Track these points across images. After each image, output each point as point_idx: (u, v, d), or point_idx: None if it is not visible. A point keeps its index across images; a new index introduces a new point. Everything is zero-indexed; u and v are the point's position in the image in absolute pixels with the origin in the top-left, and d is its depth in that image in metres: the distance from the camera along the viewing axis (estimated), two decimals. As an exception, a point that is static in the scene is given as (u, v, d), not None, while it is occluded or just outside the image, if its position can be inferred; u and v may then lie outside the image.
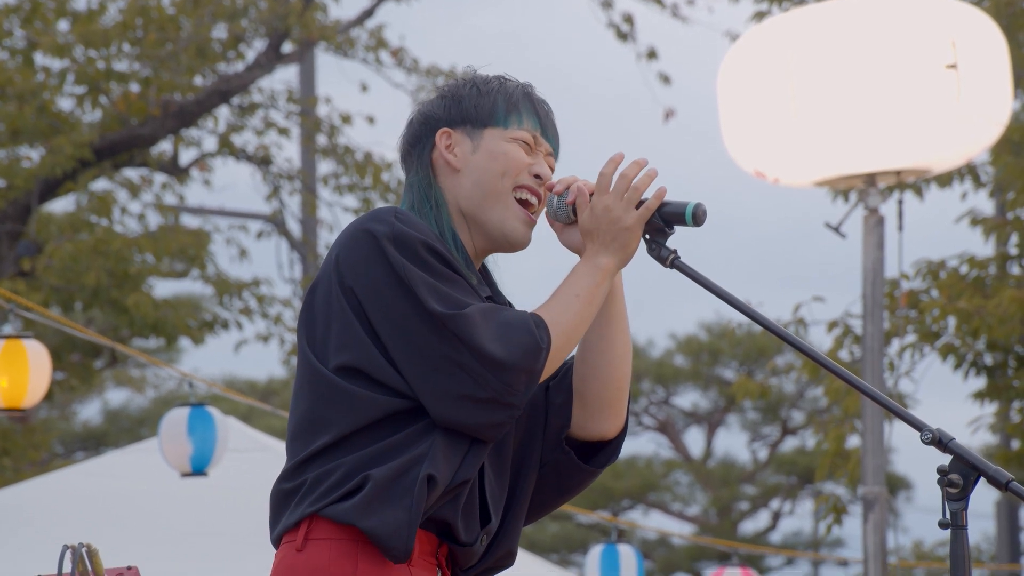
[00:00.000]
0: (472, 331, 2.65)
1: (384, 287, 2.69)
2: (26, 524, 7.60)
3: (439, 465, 2.66)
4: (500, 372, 2.65)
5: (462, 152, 2.86)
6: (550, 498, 2.90)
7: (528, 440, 2.87)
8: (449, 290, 2.69)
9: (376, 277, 2.69)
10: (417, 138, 2.90)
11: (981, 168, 10.87)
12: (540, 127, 2.89)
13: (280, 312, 12.83)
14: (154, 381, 25.24)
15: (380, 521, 2.65)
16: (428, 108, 2.90)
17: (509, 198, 2.85)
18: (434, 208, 2.84)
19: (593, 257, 2.79)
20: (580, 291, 2.77)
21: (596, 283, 2.78)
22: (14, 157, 12.16)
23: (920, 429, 2.64)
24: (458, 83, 2.90)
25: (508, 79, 2.91)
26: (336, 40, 12.65)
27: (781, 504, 26.75)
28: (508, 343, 2.66)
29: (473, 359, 2.65)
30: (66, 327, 8.03)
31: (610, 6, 12.90)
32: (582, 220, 2.81)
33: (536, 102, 2.90)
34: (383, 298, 2.69)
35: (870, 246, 7.31)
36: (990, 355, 10.63)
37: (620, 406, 2.89)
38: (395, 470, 2.65)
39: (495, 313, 2.70)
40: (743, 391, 10.56)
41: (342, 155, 13.09)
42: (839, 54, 6.96)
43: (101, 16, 12.29)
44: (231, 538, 7.43)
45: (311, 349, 2.74)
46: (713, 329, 26.56)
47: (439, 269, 2.70)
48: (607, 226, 2.78)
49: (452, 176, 2.86)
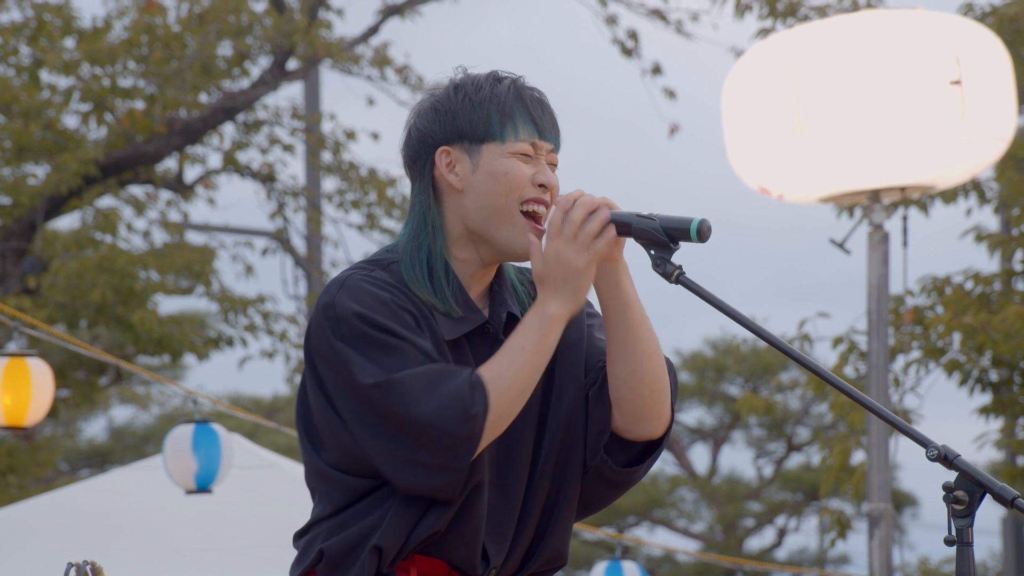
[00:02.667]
0: (401, 399, 2.70)
1: (327, 365, 2.77)
2: (31, 541, 7.59)
3: (392, 533, 2.75)
4: (434, 440, 2.69)
5: (463, 171, 2.85)
6: (601, 495, 2.92)
7: (569, 450, 2.88)
8: (382, 358, 2.73)
9: (323, 355, 2.78)
10: (416, 155, 2.88)
11: (986, 184, 10.87)
12: (537, 131, 2.86)
13: (285, 329, 12.84)
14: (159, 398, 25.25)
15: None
16: (423, 123, 2.87)
17: (516, 215, 2.83)
18: (430, 234, 2.84)
19: (542, 305, 2.79)
20: (526, 344, 2.76)
21: (544, 333, 2.77)
22: (19, 174, 12.18)
23: (926, 445, 2.64)
24: (450, 93, 2.87)
25: (499, 80, 2.87)
26: (341, 57, 12.67)
27: (787, 521, 26.70)
28: (438, 410, 2.70)
29: (407, 427, 2.70)
30: (71, 344, 8.03)
31: (615, 22, 12.92)
32: (534, 268, 2.81)
33: (529, 103, 2.86)
34: (329, 375, 2.77)
35: (875, 262, 7.31)
36: (995, 371, 10.62)
37: (659, 407, 2.87)
38: (345, 543, 2.77)
39: (430, 378, 2.72)
40: (748, 407, 10.55)
41: (347, 171, 13.11)
42: (843, 71, 6.97)
43: (107, 34, 12.31)
44: (236, 555, 7.43)
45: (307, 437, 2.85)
46: (718, 345, 26.54)
47: (374, 337, 2.74)
48: (558, 271, 2.77)
49: (455, 195, 2.85)
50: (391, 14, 13.11)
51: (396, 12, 13.11)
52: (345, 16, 13.07)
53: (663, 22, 12.92)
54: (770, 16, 10.79)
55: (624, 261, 2.86)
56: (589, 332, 2.93)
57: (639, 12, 12.97)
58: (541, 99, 2.88)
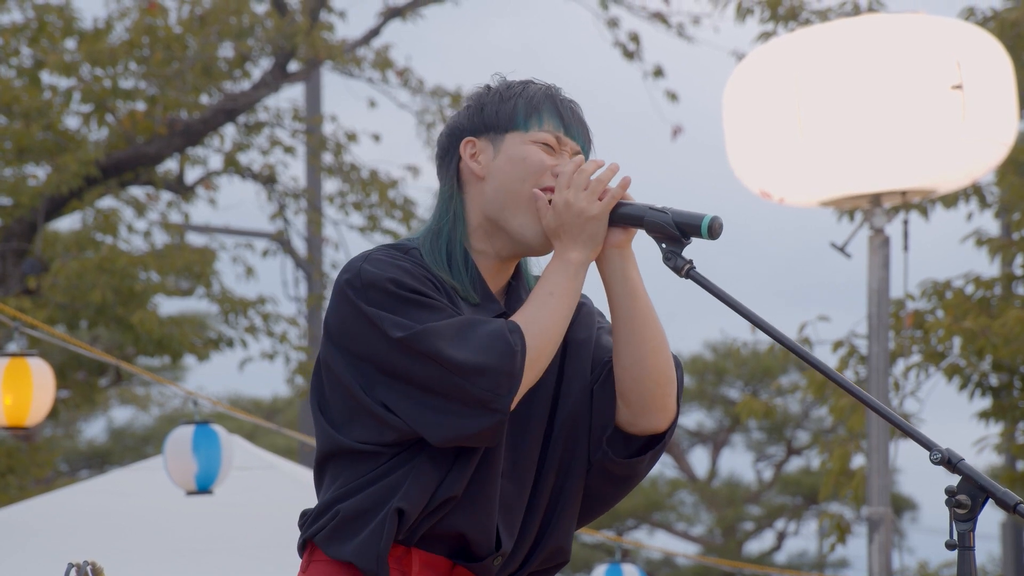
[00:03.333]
0: (438, 344, 2.70)
1: (356, 334, 2.76)
2: (31, 542, 7.59)
3: (413, 495, 2.74)
4: (477, 377, 2.69)
5: (485, 159, 2.88)
6: (608, 492, 2.92)
7: (573, 446, 2.89)
8: (415, 313, 2.74)
9: (349, 326, 2.77)
10: (445, 150, 2.92)
11: (986, 188, 10.87)
12: (563, 127, 2.89)
13: (285, 330, 12.84)
14: (159, 399, 25.25)
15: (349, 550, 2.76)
16: (454, 120, 2.93)
17: (531, 203, 2.85)
18: (451, 222, 2.87)
19: (563, 254, 2.82)
20: (554, 289, 2.80)
21: (570, 277, 2.81)
22: (20, 175, 12.17)
23: (929, 449, 2.64)
24: (482, 91, 2.92)
25: (533, 83, 2.92)
26: (342, 59, 12.67)
27: (786, 524, 26.70)
28: (478, 349, 2.70)
29: (446, 371, 2.70)
30: (71, 345, 8.03)
31: (616, 25, 12.92)
32: (545, 222, 2.83)
33: (560, 102, 2.90)
34: (360, 344, 2.76)
35: (875, 266, 7.31)
36: (995, 375, 10.62)
37: (664, 400, 2.87)
38: (361, 504, 2.76)
39: (466, 323, 2.74)
40: (748, 411, 10.55)
41: (348, 173, 13.11)
42: (844, 75, 6.97)
43: (108, 35, 12.31)
44: (236, 556, 7.43)
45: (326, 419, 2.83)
46: (718, 349, 26.54)
47: (406, 297, 2.75)
48: (571, 219, 2.80)
49: (477, 184, 2.88)
50: (392, 16, 13.12)
51: (397, 14, 13.12)
52: (347, 18, 13.08)
53: (664, 25, 12.93)
54: (771, 20, 10.79)
55: (632, 251, 2.88)
56: (598, 334, 2.94)
57: (640, 15, 12.98)
58: (573, 104, 2.93)
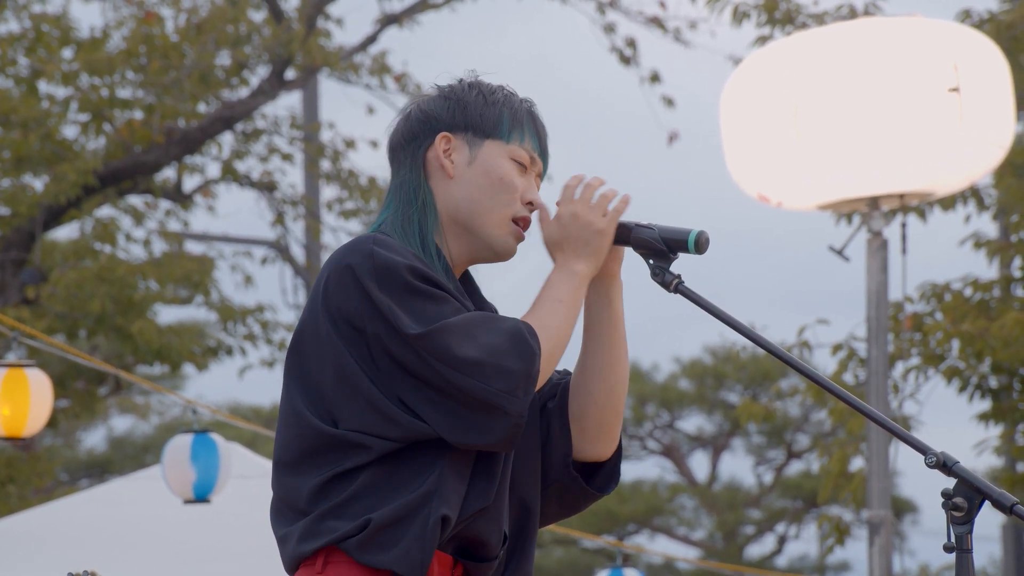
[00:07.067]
0: (458, 338, 2.62)
1: (367, 322, 2.65)
2: (31, 551, 7.59)
3: (450, 500, 2.64)
4: (498, 375, 2.61)
5: (459, 160, 2.82)
6: (553, 512, 2.90)
7: (530, 459, 2.84)
8: (431, 307, 2.65)
9: (357, 312, 2.65)
10: (414, 135, 2.84)
11: (984, 191, 10.87)
12: (539, 148, 2.87)
13: (284, 338, 12.84)
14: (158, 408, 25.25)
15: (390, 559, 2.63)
16: (430, 106, 2.85)
17: (502, 217, 2.81)
18: (420, 211, 2.80)
19: (567, 264, 2.78)
20: (563, 296, 2.75)
21: (575, 288, 2.77)
22: (18, 185, 12.17)
23: (924, 452, 2.64)
24: (462, 87, 2.86)
25: (512, 92, 2.88)
26: (340, 66, 12.68)
27: (787, 528, 26.69)
28: (500, 346, 2.63)
29: (467, 366, 2.61)
30: (70, 355, 8.03)
31: (613, 30, 12.92)
32: (547, 232, 2.80)
33: (538, 121, 2.88)
34: (372, 331, 2.65)
35: (874, 269, 7.31)
36: (995, 377, 10.62)
37: (616, 429, 2.88)
38: (398, 511, 2.64)
39: (481, 320, 2.67)
40: (747, 415, 10.55)
41: (346, 180, 13.11)
42: (842, 78, 6.98)
43: (105, 44, 12.32)
44: (235, 565, 7.42)
45: (309, 408, 2.69)
46: (718, 353, 26.54)
47: (425, 290, 2.66)
48: (578, 232, 2.77)
49: (444, 181, 2.82)
50: (389, 23, 13.12)
51: (394, 21, 13.12)
52: (344, 25, 13.09)
53: (661, 30, 12.93)
54: (768, 24, 10.79)
55: (620, 280, 2.87)
56: None
57: (637, 20, 12.98)
58: (545, 126, 2.90)
